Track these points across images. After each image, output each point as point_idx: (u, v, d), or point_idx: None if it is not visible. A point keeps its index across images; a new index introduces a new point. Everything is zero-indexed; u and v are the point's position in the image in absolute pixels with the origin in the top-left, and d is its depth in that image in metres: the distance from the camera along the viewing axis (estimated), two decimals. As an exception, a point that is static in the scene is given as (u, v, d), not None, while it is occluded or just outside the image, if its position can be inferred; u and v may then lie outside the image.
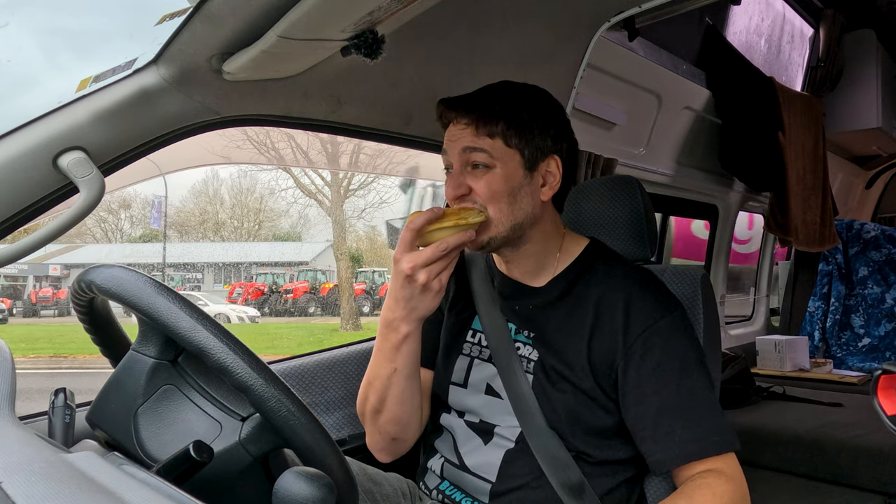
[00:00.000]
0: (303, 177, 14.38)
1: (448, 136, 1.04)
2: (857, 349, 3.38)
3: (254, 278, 15.89)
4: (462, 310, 1.17)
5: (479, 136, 1.00)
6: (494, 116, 1.00)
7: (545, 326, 1.07)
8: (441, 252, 0.93)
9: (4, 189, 0.96)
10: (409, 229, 0.94)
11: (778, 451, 2.21)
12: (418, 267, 0.93)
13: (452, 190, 1.01)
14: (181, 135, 1.13)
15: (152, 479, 0.62)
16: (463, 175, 1.01)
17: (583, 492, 1.00)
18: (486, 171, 1.00)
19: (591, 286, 1.06)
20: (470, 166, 1.01)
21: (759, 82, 2.75)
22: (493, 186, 1.00)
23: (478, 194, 1.00)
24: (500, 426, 1.06)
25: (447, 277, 0.96)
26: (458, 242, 0.94)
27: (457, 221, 0.94)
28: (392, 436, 1.09)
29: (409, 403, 1.07)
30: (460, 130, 1.01)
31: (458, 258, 1.22)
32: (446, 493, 1.08)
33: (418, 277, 0.93)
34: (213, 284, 15.10)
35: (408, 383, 1.05)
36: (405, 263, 0.93)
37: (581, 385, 1.01)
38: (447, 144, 1.04)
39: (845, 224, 3.49)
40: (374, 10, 0.95)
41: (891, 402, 1.27)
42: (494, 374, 1.08)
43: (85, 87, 1.03)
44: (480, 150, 1.00)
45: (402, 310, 0.98)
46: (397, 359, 1.02)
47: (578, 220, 1.31)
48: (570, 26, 1.73)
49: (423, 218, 0.93)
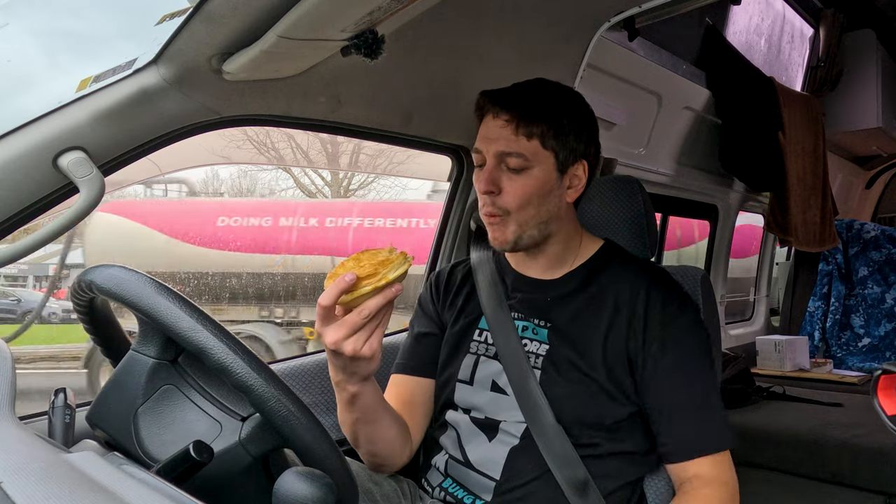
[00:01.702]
0: (303, 177, 14.35)
1: (485, 130, 1.05)
2: (857, 349, 3.38)
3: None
4: (469, 313, 1.17)
5: (518, 135, 1.01)
6: (535, 118, 1.01)
7: (561, 317, 1.08)
8: (363, 320, 0.84)
9: (4, 189, 0.95)
10: (320, 305, 0.85)
11: (778, 451, 2.21)
12: (341, 341, 0.85)
13: (485, 185, 1.02)
14: (181, 135, 1.13)
15: (152, 479, 0.62)
16: (497, 172, 1.03)
17: (587, 489, 1.00)
18: (521, 173, 1.02)
19: (608, 280, 1.09)
20: (505, 165, 1.03)
21: (759, 82, 2.75)
22: (526, 189, 1.02)
23: (508, 195, 1.02)
24: (505, 422, 1.06)
25: (379, 340, 0.87)
26: (379, 305, 0.84)
27: (375, 284, 0.83)
28: (379, 462, 1.09)
29: (384, 440, 1.06)
30: (499, 127, 1.02)
31: (466, 265, 1.22)
32: (449, 491, 1.08)
33: (344, 350, 0.85)
34: (213, 284, 15.10)
35: (375, 426, 1.03)
36: (327, 339, 0.86)
37: (593, 375, 1.03)
38: (482, 140, 1.04)
39: (845, 224, 3.49)
40: (374, 10, 0.95)
41: (891, 402, 1.27)
42: (500, 370, 1.08)
43: (85, 87, 1.03)
44: (518, 154, 1.01)
45: (339, 375, 0.93)
46: (355, 410, 0.98)
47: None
48: (570, 26, 1.72)
49: (332, 294, 0.83)
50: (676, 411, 1.01)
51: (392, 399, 1.15)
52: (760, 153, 2.77)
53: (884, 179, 4.29)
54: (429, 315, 1.23)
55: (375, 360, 0.89)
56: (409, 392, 1.17)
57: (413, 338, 1.22)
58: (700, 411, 1.01)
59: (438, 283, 1.24)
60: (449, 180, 1.81)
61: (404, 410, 1.13)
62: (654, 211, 1.31)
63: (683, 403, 1.01)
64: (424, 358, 1.18)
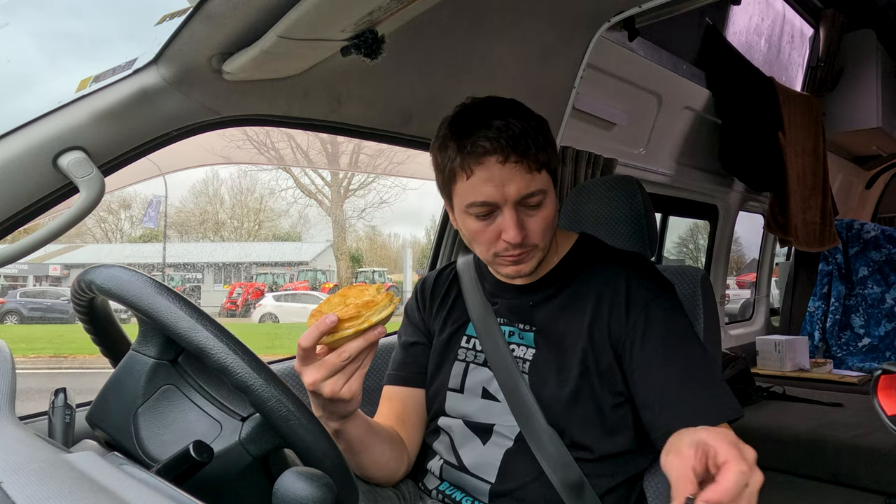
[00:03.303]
0: (303, 177, 14.39)
1: (492, 175, 0.95)
2: (857, 349, 3.38)
3: (254, 278, 15.88)
4: (456, 319, 1.17)
5: (532, 172, 0.96)
6: (539, 148, 0.96)
7: (545, 319, 1.08)
8: (343, 362, 0.83)
9: (4, 189, 0.96)
10: (299, 346, 0.84)
11: (778, 451, 2.21)
12: (319, 382, 0.84)
13: (516, 237, 0.97)
14: (181, 135, 1.13)
15: (152, 479, 0.62)
16: (520, 216, 0.98)
17: (583, 491, 1.00)
18: (541, 206, 0.99)
19: (587, 273, 1.09)
20: (523, 205, 0.98)
21: (759, 82, 2.75)
22: (547, 219, 1.00)
23: (532, 232, 0.99)
24: (498, 424, 1.07)
25: (359, 382, 0.86)
26: (360, 349, 0.82)
27: (357, 327, 0.82)
28: (375, 483, 1.08)
29: (374, 466, 1.05)
30: (511, 170, 0.94)
31: (452, 270, 1.22)
32: (446, 493, 1.08)
33: (322, 391, 0.84)
34: (214, 284, 15.07)
35: (363, 455, 1.02)
36: (305, 379, 0.85)
37: (582, 374, 1.02)
38: (493, 186, 0.95)
39: (845, 224, 3.49)
40: (374, 10, 0.95)
41: (891, 402, 1.27)
42: (490, 377, 1.08)
43: (85, 87, 1.03)
44: (539, 192, 0.97)
45: (320, 412, 0.91)
46: (340, 442, 0.97)
47: (578, 220, 1.31)
48: (570, 26, 1.73)
49: (312, 336, 0.82)
50: (669, 390, 0.95)
51: (386, 412, 1.15)
52: (760, 153, 2.77)
53: (884, 179, 4.29)
54: (415, 324, 1.22)
55: (355, 401, 0.88)
56: (402, 404, 1.16)
57: (401, 347, 1.22)
58: (695, 388, 0.95)
59: (424, 291, 1.24)
60: (449, 180, 1.81)
61: (398, 423, 1.13)
62: (655, 211, 1.31)
63: (675, 380, 0.96)
64: (415, 367, 1.18)
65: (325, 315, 0.81)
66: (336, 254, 13.65)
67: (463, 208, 1.00)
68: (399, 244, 17.77)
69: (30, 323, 10.59)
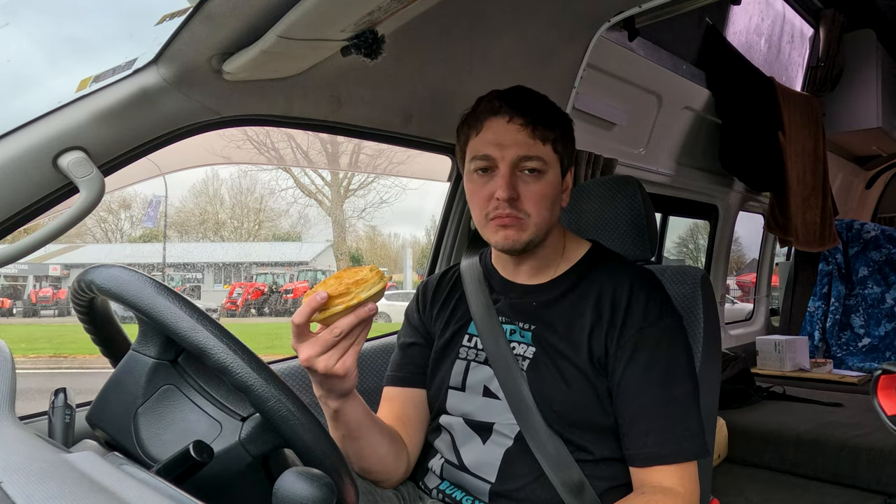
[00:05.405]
0: (303, 177, 14.38)
1: (493, 134, 1.03)
2: (857, 349, 3.38)
3: (254, 278, 15.87)
4: (458, 319, 1.17)
5: (535, 139, 1.01)
6: (551, 123, 1.03)
7: (546, 321, 1.08)
8: (335, 338, 0.85)
9: (4, 189, 0.96)
10: (293, 323, 0.86)
11: (778, 451, 2.21)
12: (313, 357, 0.86)
13: (507, 192, 1.01)
14: (181, 135, 1.13)
15: (152, 479, 0.62)
16: (514, 177, 1.02)
17: (583, 491, 1.00)
18: (538, 176, 1.03)
19: (593, 284, 1.08)
20: (520, 170, 1.03)
21: (759, 82, 2.75)
22: (543, 192, 1.03)
23: (526, 199, 1.02)
24: (498, 423, 1.07)
25: (353, 358, 0.88)
26: (351, 325, 0.85)
27: (347, 303, 0.84)
28: (373, 479, 1.08)
29: (373, 457, 1.05)
30: (515, 132, 1.01)
31: (455, 272, 1.22)
32: (446, 493, 1.08)
33: (317, 367, 0.86)
34: (214, 284, 15.08)
35: (363, 442, 1.03)
36: (300, 355, 0.87)
37: (579, 379, 1.02)
38: (492, 144, 1.02)
39: (845, 224, 3.49)
40: (374, 10, 0.95)
41: (891, 402, 1.27)
42: (491, 375, 1.08)
43: (85, 87, 1.03)
44: (537, 158, 1.02)
45: (318, 391, 0.94)
46: (340, 426, 0.99)
47: (578, 221, 1.31)
48: (570, 26, 1.73)
49: (304, 312, 0.84)
50: (640, 417, 0.98)
51: (386, 413, 1.15)
52: (760, 153, 2.77)
53: (884, 179, 4.30)
54: (413, 325, 1.23)
55: (350, 377, 0.89)
56: (402, 405, 1.16)
57: (399, 348, 1.22)
58: (665, 419, 0.98)
59: (426, 294, 1.24)
60: (449, 180, 1.81)
61: (398, 424, 1.13)
62: (655, 211, 1.31)
63: (647, 409, 0.98)
64: (413, 368, 1.18)
65: (317, 292, 0.84)
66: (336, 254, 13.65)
67: (468, 167, 1.07)
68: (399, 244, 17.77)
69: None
